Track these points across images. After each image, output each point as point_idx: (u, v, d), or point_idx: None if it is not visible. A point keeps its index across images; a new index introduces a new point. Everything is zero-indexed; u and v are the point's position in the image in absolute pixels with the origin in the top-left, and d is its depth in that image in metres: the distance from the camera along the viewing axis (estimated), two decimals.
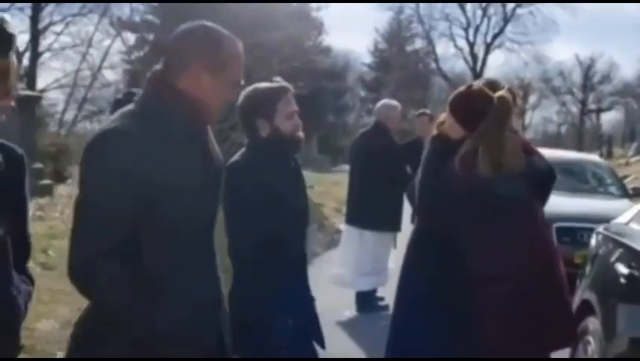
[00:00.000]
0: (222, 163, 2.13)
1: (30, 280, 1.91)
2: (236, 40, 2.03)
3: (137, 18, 32.16)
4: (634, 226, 3.74)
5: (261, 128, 2.91)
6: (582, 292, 3.80)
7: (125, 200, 1.81)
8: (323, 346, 3.09)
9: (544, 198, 3.32)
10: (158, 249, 1.86)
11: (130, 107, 1.95)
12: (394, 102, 6.84)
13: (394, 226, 6.50)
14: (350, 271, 6.55)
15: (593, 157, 12.08)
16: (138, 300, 1.82)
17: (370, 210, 6.34)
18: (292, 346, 2.85)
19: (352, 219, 6.62)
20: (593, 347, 3.39)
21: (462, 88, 3.32)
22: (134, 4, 30.73)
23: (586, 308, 3.59)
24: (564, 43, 72.65)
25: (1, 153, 1.79)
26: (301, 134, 3.00)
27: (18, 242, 1.82)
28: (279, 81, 2.97)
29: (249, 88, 2.95)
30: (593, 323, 3.44)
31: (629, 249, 3.43)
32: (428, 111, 7.71)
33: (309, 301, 3.08)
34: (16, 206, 1.85)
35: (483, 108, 3.11)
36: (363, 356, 5.27)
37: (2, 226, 1.73)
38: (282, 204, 2.88)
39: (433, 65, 43.88)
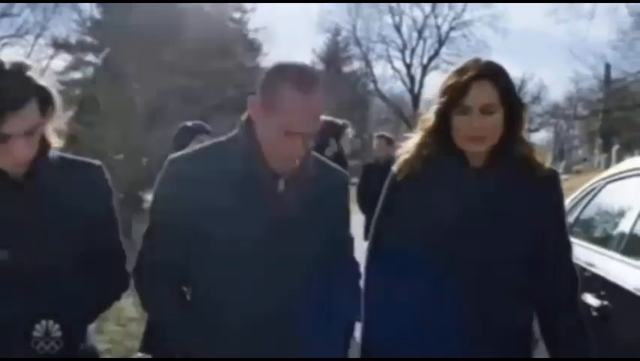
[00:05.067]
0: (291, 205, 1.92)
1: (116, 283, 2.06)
2: (304, 87, 1.81)
3: (73, 39, 31.75)
4: None
5: (331, 145, 4.73)
6: None
7: (175, 219, 1.89)
8: None
9: None
10: (204, 270, 1.93)
11: (222, 138, 2.00)
12: None
13: None
14: None
15: None
16: (178, 320, 1.93)
17: None
18: None
19: None
20: None
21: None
22: (70, 25, 30.28)
23: None
24: None
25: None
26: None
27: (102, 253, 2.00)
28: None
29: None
30: None
31: None
32: (387, 134, 8.11)
33: None
34: (100, 222, 2.00)
35: None
36: None
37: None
38: None
39: (372, 87, 44.41)
